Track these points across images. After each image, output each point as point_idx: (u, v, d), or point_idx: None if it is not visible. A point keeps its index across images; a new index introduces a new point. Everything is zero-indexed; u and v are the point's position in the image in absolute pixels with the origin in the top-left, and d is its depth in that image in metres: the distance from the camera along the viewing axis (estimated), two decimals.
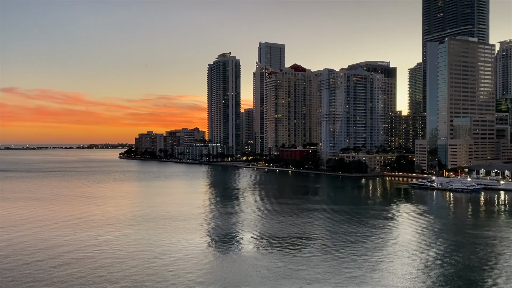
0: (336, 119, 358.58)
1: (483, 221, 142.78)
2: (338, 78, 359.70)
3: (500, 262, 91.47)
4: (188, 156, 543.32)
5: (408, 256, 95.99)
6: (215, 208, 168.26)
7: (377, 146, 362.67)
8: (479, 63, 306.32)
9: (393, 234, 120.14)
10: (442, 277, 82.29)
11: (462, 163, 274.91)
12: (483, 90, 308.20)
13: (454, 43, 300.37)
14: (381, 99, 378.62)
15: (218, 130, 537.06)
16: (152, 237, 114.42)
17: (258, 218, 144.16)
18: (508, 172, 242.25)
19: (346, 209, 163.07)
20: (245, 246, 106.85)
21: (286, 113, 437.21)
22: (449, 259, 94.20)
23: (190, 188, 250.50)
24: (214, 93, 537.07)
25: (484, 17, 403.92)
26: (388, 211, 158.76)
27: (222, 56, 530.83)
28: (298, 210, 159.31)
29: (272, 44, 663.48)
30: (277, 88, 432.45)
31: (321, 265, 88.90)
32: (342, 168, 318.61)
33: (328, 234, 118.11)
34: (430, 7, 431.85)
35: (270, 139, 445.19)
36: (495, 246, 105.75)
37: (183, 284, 78.11)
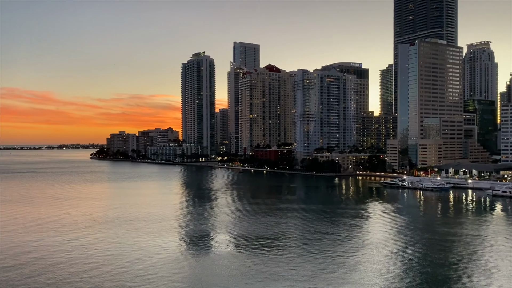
0: (310, 119, 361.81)
1: (452, 219, 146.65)
2: (312, 79, 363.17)
3: (470, 258, 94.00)
4: (161, 157, 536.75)
5: (382, 254, 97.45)
6: (189, 209, 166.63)
7: (350, 146, 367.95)
8: (448, 65, 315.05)
9: (367, 233, 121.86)
10: (415, 274, 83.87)
11: (432, 162, 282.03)
12: (452, 91, 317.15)
13: (424, 45, 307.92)
14: (353, 99, 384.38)
15: (192, 130, 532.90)
16: (125, 240, 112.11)
17: (233, 218, 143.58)
18: (475, 171, 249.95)
19: (320, 208, 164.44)
20: (220, 247, 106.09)
21: (261, 113, 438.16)
22: (421, 256, 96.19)
23: (163, 189, 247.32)
24: (188, 92, 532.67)
25: (453, 20, 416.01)
26: (361, 210, 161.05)
27: (196, 56, 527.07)
28: (272, 210, 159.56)
29: (246, 44, 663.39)
30: (252, 88, 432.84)
31: (297, 265, 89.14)
32: (316, 168, 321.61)
33: (303, 234, 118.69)
34: (401, 9, 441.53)
35: (245, 139, 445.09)
36: (465, 243, 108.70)
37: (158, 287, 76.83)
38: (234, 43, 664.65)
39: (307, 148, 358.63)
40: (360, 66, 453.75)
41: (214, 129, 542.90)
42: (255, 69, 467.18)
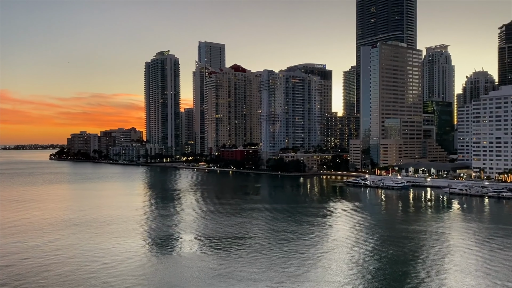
0: (275, 120, 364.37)
1: (412, 216, 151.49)
2: (277, 80, 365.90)
3: (429, 254, 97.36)
4: (124, 157, 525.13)
5: (345, 252, 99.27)
6: (153, 210, 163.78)
7: (314, 146, 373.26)
8: (408, 67, 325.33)
9: (331, 231, 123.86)
10: (378, 271, 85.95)
11: (392, 161, 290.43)
12: (411, 93, 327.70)
13: (385, 48, 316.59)
14: (318, 100, 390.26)
15: (156, 130, 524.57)
16: (85, 243, 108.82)
17: (198, 219, 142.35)
18: (434, 170, 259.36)
19: (285, 207, 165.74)
20: (184, 247, 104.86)
21: (227, 113, 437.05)
22: (383, 253, 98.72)
23: (126, 190, 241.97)
24: (152, 92, 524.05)
25: (412, 24, 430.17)
26: (325, 209, 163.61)
27: (160, 54, 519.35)
28: (238, 210, 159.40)
29: (212, 44, 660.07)
30: (217, 88, 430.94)
31: (263, 264, 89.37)
32: (281, 168, 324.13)
33: (269, 233, 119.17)
34: (363, 12, 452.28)
35: (211, 139, 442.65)
36: (424, 239, 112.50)
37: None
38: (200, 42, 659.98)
39: (273, 148, 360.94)
40: (324, 67, 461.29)
41: (179, 129, 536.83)
42: (221, 69, 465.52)
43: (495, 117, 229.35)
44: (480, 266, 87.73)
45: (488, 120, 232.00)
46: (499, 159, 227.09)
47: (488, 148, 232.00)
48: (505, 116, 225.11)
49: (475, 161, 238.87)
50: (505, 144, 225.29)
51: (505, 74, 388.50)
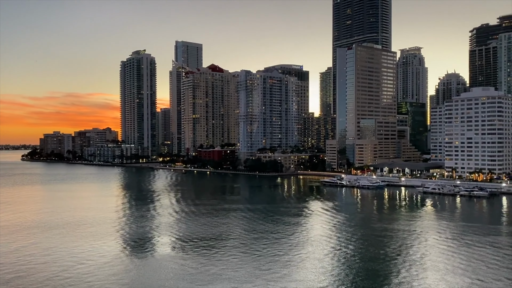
0: (253, 120, 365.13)
1: (387, 215, 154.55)
2: (255, 80, 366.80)
3: (405, 253, 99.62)
4: (99, 158, 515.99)
5: (324, 251, 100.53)
6: (129, 212, 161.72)
7: (291, 146, 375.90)
8: (383, 69, 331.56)
9: (309, 230, 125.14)
10: (354, 270, 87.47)
11: (368, 161, 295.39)
12: (386, 94, 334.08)
13: (360, 49, 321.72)
14: (295, 101, 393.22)
15: (132, 130, 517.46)
16: (60, 246, 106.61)
17: (176, 220, 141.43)
18: (408, 169, 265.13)
19: (263, 207, 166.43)
20: (162, 249, 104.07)
21: (204, 113, 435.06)
22: (359, 252, 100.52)
23: (101, 191, 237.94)
24: (128, 91, 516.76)
25: (387, 26, 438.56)
26: (302, 208, 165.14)
27: (136, 54, 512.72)
28: (216, 210, 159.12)
29: (189, 43, 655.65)
30: (194, 88, 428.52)
31: (243, 264, 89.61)
32: (259, 168, 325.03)
33: (247, 233, 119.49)
34: (339, 14, 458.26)
35: (188, 140, 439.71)
36: (399, 238, 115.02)
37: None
38: (176, 41, 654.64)
39: (250, 148, 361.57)
40: (301, 68, 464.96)
41: (156, 129, 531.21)
42: (198, 69, 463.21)
43: (466, 118, 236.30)
44: (454, 263, 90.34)
45: (459, 121, 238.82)
46: (470, 159, 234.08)
47: (460, 148, 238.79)
48: (476, 117, 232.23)
49: (448, 161, 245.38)
50: (476, 145, 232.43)
51: (475, 76, 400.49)
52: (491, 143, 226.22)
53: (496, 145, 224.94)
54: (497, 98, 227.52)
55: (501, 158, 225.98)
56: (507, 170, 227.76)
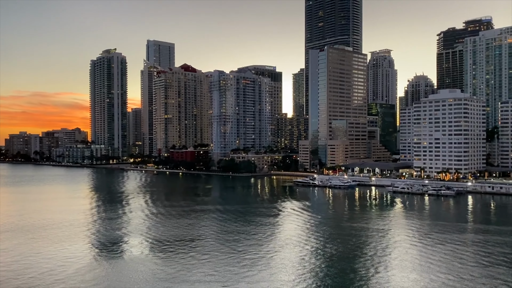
0: (226, 120, 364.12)
1: (358, 214, 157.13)
2: (228, 80, 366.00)
3: (376, 251, 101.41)
4: (68, 159, 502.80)
5: (297, 251, 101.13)
6: (99, 213, 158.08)
7: (265, 146, 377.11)
8: (354, 71, 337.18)
9: (281, 230, 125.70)
10: (327, 269, 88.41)
11: (339, 161, 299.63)
12: (357, 95, 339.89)
13: (332, 51, 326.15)
14: (268, 102, 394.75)
15: (102, 131, 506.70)
16: (26, 250, 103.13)
17: (147, 221, 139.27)
18: (378, 169, 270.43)
19: (237, 208, 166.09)
20: (134, 251, 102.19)
21: (177, 113, 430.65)
22: (332, 251, 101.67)
23: (70, 192, 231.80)
24: (98, 91, 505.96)
25: (358, 29, 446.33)
26: (276, 208, 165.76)
27: (106, 52, 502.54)
28: (189, 211, 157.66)
29: (161, 43, 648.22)
30: (166, 88, 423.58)
31: (216, 265, 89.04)
32: (232, 169, 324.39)
33: (221, 234, 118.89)
34: (311, 16, 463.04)
35: (160, 140, 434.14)
36: (370, 236, 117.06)
37: None
38: (148, 41, 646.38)
39: (224, 149, 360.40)
40: (274, 69, 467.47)
41: (126, 130, 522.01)
42: (170, 68, 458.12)
43: (434, 119, 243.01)
44: (423, 260, 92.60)
45: (427, 122, 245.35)
46: (438, 159, 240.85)
47: (428, 149, 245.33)
48: (443, 118, 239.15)
49: (416, 161, 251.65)
50: (443, 145, 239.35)
51: (443, 79, 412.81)
52: (458, 143, 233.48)
53: (462, 146, 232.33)
54: (463, 100, 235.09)
55: (467, 158, 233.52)
56: (473, 169, 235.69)
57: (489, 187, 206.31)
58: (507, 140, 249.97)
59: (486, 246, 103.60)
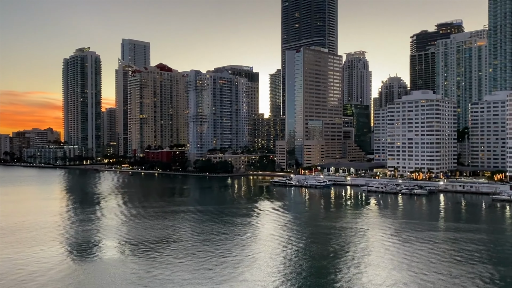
0: (203, 121, 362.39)
1: (333, 213, 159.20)
2: (205, 80, 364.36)
3: (351, 250, 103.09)
4: (40, 160, 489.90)
5: (274, 250, 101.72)
6: (73, 215, 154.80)
7: (242, 146, 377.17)
8: (330, 72, 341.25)
9: (259, 230, 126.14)
10: (303, 268, 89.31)
11: (315, 161, 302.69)
12: (333, 96, 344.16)
13: (308, 52, 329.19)
14: (245, 102, 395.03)
15: (75, 131, 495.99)
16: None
17: (123, 223, 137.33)
18: (353, 169, 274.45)
19: (213, 208, 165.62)
20: (108, 253, 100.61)
21: (152, 113, 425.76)
22: (308, 250, 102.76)
23: (42, 194, 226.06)
24: (71, 90, 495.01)
25: (334, 30, 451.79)
26: (252, 209, 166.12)
27: (80, 51, 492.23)
28: (164, 212, 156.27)
29: (136, 42, 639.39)
30: (142, 87, 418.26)
31: (194, 267, 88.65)
32: (209, 169, 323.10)
33: (198, 235, 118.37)
34: (288, 17, 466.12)
35: (135, 141, 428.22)
36: (345, 235, 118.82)
37: None
38: (123, 39, 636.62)
39: (200, 149, 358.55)
40: (251, 69, 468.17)
41: (101, 130, 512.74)
42: (146, 68, 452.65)
43: (407, 120, 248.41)
44: (397, 258, 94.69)
45: (401, 122, 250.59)
46: (411, 159, 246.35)
47: (401, 149, 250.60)
48: (416, 119, 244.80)
49: (390, 160, 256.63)
50: (416, 145, 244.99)
51: (416, 80, 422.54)
52: (430, 143, 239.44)
53: (434, 146, 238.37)
54: (435, 101, 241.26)
55: (439, 158, 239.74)
56: (444, 169, 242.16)
57: (460, 186, 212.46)
58: (477, 140, 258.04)
59: (458, 243, 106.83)
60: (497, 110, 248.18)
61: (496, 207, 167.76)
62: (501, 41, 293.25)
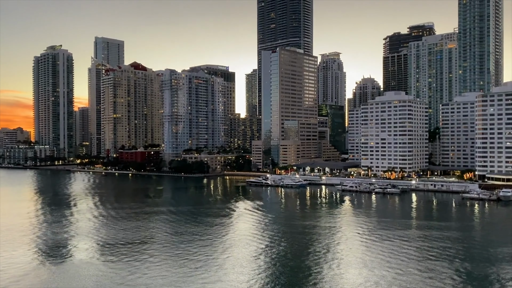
0: (178, 120, 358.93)
1: (309, 212, 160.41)
2: (180, 80, 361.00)
3: (326, 249, 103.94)
4: (9, 160, 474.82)
5: (251, 250, 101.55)
6: (43, 217, 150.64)
7: (218, 146, 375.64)
8: (305, 73, 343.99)
9: (235, 230, 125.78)
10: (279, 267, 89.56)
11: (291, 161, 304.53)
12: (308, 96, 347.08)
13: (284, 53, 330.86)
14: (221, 101, 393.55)
15: (46, 131, 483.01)
16: None
17: (95, 225, 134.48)
18: (328, 169, 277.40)
19: (188, 209, 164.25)
20: (80, 256, 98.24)
21: (126, 113, 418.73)
22: (283, 249, 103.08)
23: (11, 195, 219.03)
24: (42, 89, 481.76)
25: (309, 31, 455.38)
26: (229, 209, 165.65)
27: (51, 49, 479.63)
28: (138, 214, 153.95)
29: (109, 40, 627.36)
30: (115, 86, 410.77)
31: (170, 268, 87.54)
32: (184, 169, 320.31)
33: (171, 237, 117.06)
34: (264, 17, 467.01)
35: (108, 140, 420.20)
36: (320, 234, 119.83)
37: None
38: (96, 37, 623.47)
39: (175, 149, 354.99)
40: (227, 69, 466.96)
41: (73, 130, 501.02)
42: (119, 66, 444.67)
43: (380, 120, 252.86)
44: (373, 257, 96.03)
45: (374, 123, 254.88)
46: (384, 158, 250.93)
47: (375, 148, 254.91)
48: (389, 119, 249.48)
49: (364, 160, 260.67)
50: (389, 145, 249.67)
51: (388, 81, 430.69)
52: (402, 143, 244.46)
53: (406, 145, 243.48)
54: (408, 102, 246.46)
55: (411, 158, 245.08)
56: (416, 168, 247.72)
57: (431, 185, 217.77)
58: (448, 140, 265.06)
59: (430, 241, 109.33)
60: (467, 111, 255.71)
61: (465, 205, 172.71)
62: (470, 44, 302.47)
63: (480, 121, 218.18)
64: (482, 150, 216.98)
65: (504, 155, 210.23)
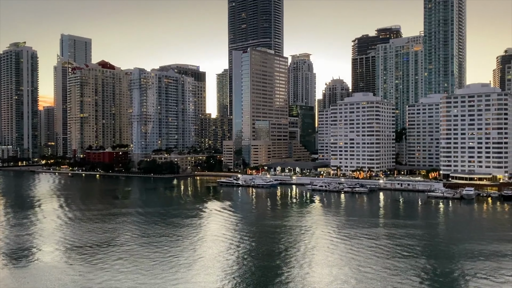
0: (148, 120, 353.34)
1: (279, 212, 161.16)
2: (150, 79, 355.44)
3: (296, 248, 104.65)
4: None
5: (221, 251, 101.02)
6: (5, 219, 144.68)
7: (188, 147, 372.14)
8: (276, 73, 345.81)
9: (205, 231, 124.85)
10: (249, 267, 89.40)
11: (262, 161, 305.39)
12: (279, 97, 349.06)
13: (255, 53, 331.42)
14: (192, 101, 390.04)
15: (9, 130, 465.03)
16: None
17: (61, 227, 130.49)
18: (298, 169, 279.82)
19: (157, 210, 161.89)
20: (44, 258, 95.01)
21: (93, 112, 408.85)
22: (253, 249, 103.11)
23: None
24: (4, 87, 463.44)
25: (280, 32, 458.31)
26: (199, 209, 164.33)
27: (14, 46, 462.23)
28: (107, 215, 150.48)
29: (76, 37, 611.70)
30: (82, 85, 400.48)
31: (139, 271, 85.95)
32: (154, 170, 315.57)
33: (142, 238, 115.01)
34: (234, 17, 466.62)
35: (75, 141, 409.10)
36: (290, 234, 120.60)
37: None
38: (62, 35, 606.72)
39: (145, 149, 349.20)
40: (198, 69, 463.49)
41: (38, 129, 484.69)
42: (87, 65, 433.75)
43: (349, 121, 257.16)
44: (342, 255, 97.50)
45: (343, 123, 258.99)
46: (353, 158, 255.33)
47: (344, 149, 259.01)
48: (357, 119, 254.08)
49: (333, 160, 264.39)
50: (357, 145, 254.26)
51: (357, 83, 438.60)
52: (370, 143, 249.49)
53: (374, 146, 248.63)
54: (375, 103, 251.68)
55: (379, 157, 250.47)
56: (384, 168, 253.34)
57: (398, 184, 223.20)
58: (414, 140, 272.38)
59: (397, 239, 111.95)
60: (432, 112, 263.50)
61: (431, 204, 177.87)
62: (435, 47, 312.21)
63: (445, 122, 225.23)
64: (446, 150, 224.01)
65: (467, 155, 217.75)
